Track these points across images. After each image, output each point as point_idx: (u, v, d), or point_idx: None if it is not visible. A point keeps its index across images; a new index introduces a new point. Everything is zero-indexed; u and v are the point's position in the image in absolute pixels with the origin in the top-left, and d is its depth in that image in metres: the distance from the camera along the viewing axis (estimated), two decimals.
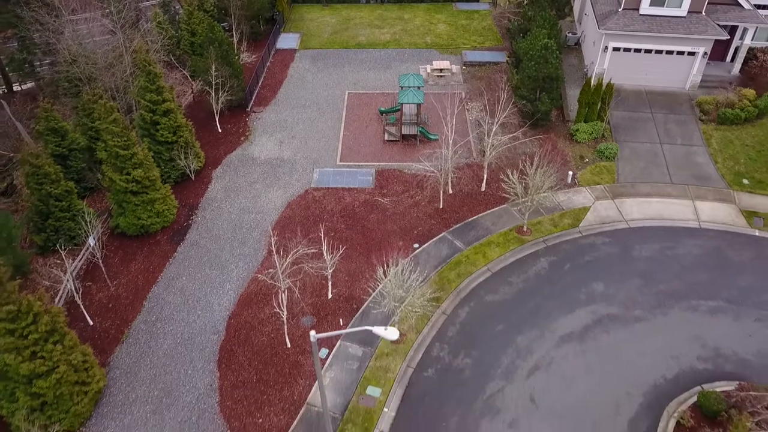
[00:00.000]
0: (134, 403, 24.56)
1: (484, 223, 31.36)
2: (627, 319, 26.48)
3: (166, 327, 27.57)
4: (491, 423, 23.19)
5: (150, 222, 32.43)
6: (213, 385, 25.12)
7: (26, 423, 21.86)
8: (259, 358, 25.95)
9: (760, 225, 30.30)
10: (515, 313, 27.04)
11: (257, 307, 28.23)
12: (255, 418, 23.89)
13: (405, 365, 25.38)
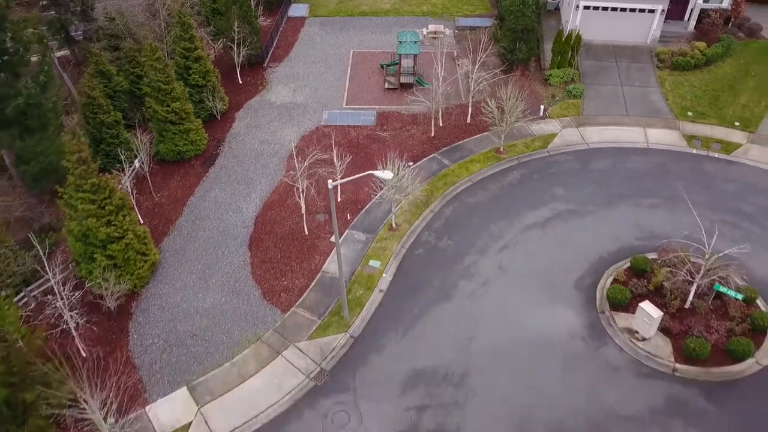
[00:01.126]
0: (183, 274, 31.41)
1: (468, 146, 38.21)
2: (581, 213, 33.27)
3: (204, 224, 34.41)
4: (468, 282, 30.00)
5: (185, 149, 39.24)
6: (245, 261, 31.96)
7: (102, 280, 28.62)
8: (282, 242, 32.79)
9: (698, 145, 37.09)
10: (490, 210, 33.86)
11: (279, 209, 35.05)
12: (280, 281, 30.75)
13: (399, 246, 32.20)
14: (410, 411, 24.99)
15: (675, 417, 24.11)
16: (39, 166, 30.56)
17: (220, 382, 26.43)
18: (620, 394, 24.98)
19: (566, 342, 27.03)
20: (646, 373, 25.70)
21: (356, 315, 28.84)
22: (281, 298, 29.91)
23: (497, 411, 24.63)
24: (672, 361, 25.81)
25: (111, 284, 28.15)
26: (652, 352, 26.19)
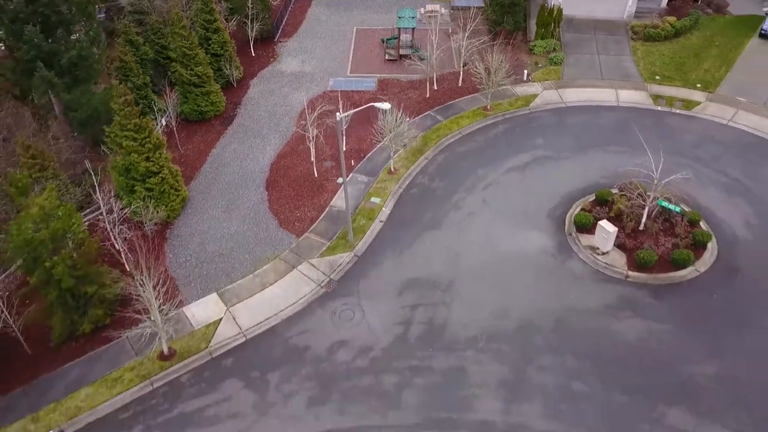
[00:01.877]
0: (209, 208, 36.84)
1: (459, 105, 43.63)
2: (556, 158, 38.64)
3: (226, 170, 39.83)
4: (456, 214, 35.40)
5: (206, 109, 44.67)
6: (263, 198, 37.40)
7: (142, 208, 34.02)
8: (295, 183, 38.20)
9: (662, 103, 42.45)
10: (477, 157, 39.25)
11: (291, 158, 40.45)
12: (294, 213, 36.18)
13: (397, 186, 37.60)
14: (405, 308, 30.36)
15: (625, 310, 29.46)
16: (85, 113, 35.98)
17: (244, 289, 31.84)
18: (581, 295, 30.35)
19: (538, 257, 32.41)
20: (603, 279, 31.08)
21: (359, 239, 34.23)
22: (295, 226, 35.33)
23: (478, 308, 30.00)
24: (625, 270, 31.16)
25: (150, 211, 33.55)
26: (610, 263, 31.56)
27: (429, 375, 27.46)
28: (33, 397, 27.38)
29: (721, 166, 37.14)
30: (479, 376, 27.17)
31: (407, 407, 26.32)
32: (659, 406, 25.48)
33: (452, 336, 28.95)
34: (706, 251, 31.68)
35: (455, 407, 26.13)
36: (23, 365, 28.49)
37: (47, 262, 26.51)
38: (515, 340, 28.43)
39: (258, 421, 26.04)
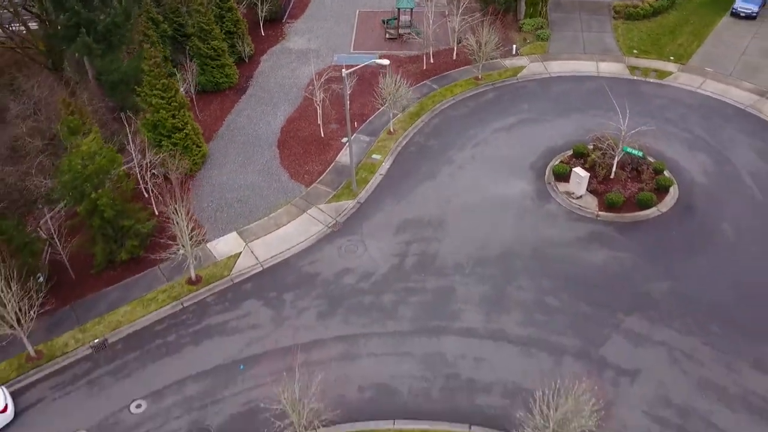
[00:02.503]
0: (227, 164, 41.56)
1: (453, 76, 48.37)
2: (539, 120, 43.33)
3: (240, 131, 44.55)
4: (448, 167, 40.09)
5: (221, 80, 49.37)
6: (275, 155, 42.12)
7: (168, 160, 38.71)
8: (304, 143, 42.92)
9: (638, 74, 47.15)
10: (468, 120, 43.95)
11: (300, 122, 45.15)
12: (303, 167, 40.91)
13: (396, 145, 42.31)
14: (402, 243, 35.07)
15: (593, 242, 34.15)
16: (116, 77, 40.75)
17: (261, 229, 36.59)
18: (556, 230, 35.05)
19: (519, 201, 37.13)
20: (576, 218, 35.77)
21: (362, 189, 38.94)
22: (304, 178, 40.09)
23: (465, 242, 34.69)
24: (596, 210, 35.86)
25: (176, 161, 38.29)
26: (583, 205, 36.26)
27: (422, 294, 32.16)
28: (79, 313, 32.12)
29: (686, 126, 41.81)
30: (465, 295, 31.87)
31: (403, 318, 31.03)
32: (619, 315, 30.16)
33: (442, 263, 33.66)
34: (668, 195, 36.36)
35: (444, 318, 30.83)
36: (69, 288, 33.24)
37: (93, 195, 31.27)
38: (497, 266, 33.12)
39: (275, 330, 30.73)
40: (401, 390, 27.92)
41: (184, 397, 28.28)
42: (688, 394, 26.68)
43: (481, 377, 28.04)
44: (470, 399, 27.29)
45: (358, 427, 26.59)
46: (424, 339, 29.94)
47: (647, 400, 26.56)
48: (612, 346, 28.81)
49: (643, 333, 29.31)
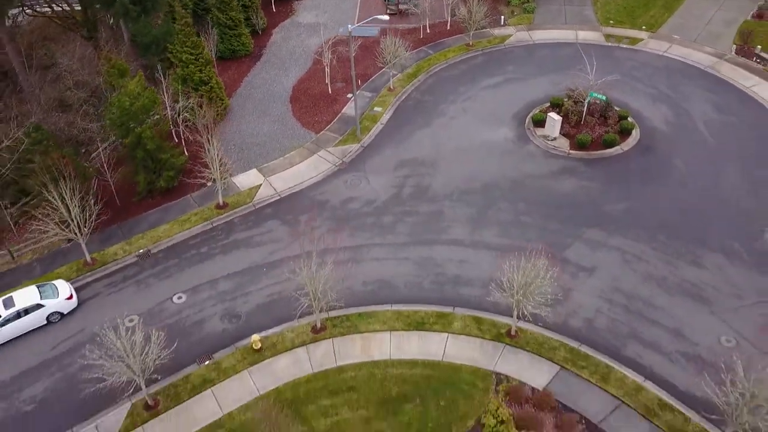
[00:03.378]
0: (246, 115, 47.82)
1: (446, 43, 54.62)
2: (522, 79, 49.54)
3: (257, 90, 50.83)
4: (441, 118, 46.32)
5: (238, 48, 55.66)
6: (288, 109, 48.39)
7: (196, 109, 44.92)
8: (313, 98, 49.18)
9: (612, 41, 53.40)
10: (459, 79, 50.18)
11: (309, 82, 51.41)
12: (313, 117, 47.18)
13: (395, 99, 48.54)
14: (399, 178, 41.26)
15: (564, 174, 40.33)
16: (148, 38, 47.07)
17: (277, 166, 42.82)
18: (533, 166, 41.23)
19: (503, 144, 43.33)
20: (550, 156, 41.95)
21: (365, 135, 45.17)
22: (314, 126, 46.37)
23: (454, 177, 40.86)
24: (568, 150, 42.06)
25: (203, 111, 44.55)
26: (556, 146, 42.46)
27: (416, 216, 38.37)
28: (125, 231, 38.40)
29: (651, 83, 48.02)
30: (452, 216, 38.08)
31: (400, 233, 37.26)
32: (581, 228, 36.34)
33: (434, 193, 39.88)
34: (630, 136, 42.56)
35: (434, 233, 37.05)
36: (116, 211, 39.51)
37: (138, 129, 37.57)
38: (481, 195, 39.31)
39: (292, 243, 36.85)
40: (398, 284, 34.12)
41: (217, 291, 34.50)
42: (635, 284, 32.85)
43: (463, 274, 34.23)
44: (454, 289, 33.48)
45: (362, 310, 32.74)
46: (417, 248, 36.14)
47: (600, 288, 32.77)
48: (574, 250, 35.00)
49: (600, 241, 35.50)
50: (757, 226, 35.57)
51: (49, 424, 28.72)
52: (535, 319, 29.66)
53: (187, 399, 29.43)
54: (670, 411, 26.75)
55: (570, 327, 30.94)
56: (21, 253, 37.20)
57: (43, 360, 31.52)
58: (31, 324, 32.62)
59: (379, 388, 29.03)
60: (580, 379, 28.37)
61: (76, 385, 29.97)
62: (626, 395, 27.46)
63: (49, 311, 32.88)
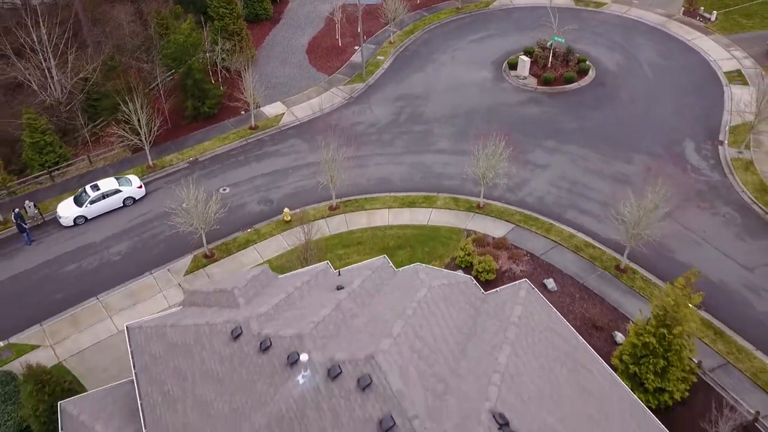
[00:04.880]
0: (270, 62, 58.57)
1: (440, 6, 65.31)
2: (502, 35, 60.25)
3: (278, 45, 61.65)
4: (433, 65, 57.07)
5: (260, 12, 66.38)
6: (305, 58, 59.16)
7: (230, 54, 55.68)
8: (326, 50, 59.97)
9: (581, 5, 64.13)
10: (449, 35, 60.92)
11: (322, 38, 62.19)
12: (326, 63, 57.97)
13: (395, 50, 59.28)
14: (397, 107, 51.94)
15: (531, 103, 50.97)
16: None
17: (297, 100, 53.53)
18: (506, 97, 51.90)
19: (482, 82, 54.02)
20: (521, 91, 52.61)
21: (369, 77, 55.89)
22: (327, 70, 57.12)
23: (442, 106, 51.52)
24: (535, 85, 52.73)
25: (236, 55, 55.34)
26: (526, 83, 53.13)
27: (410, 134, 49.03)
28: (177, 145, 49.13)
29: (609, 37, 58.66)
30: (440, 133, 48.72)
31: (397, 146, 47.92)
32: (540, 139, 46.91)
33: (425, 118, 50.55)
34: (587, 75, 53.18)
35: (425, 145, 47.69)
36: (168, 132, 50.24)
37: (189, 61, 48.36)
38: (463, 118, 49.93)
39: (310, 153, 47.38)
40: (394, 180, 44.78)
41: (254, 185, 45.20)
42: (577, 175, 43.45)
43: (446, 172, 44.86)
44: (439, 182, 44.13)
45: (367, 196, 43.38)
46: (411, 155, 46.81)
47: (551, 178, 43.38)
48: (534, 153, 45.61)
49: (555, 148, 46.13)
50: (677, 136, 46.17)
51: (133, 270, 39.32)
52: (499, 198, 40.32)
53: (235, 252, 40.03)
54: (591, 248, 37.36)
55: (525, 202, 41.59)
56: (96, 160, 47.95)
57: (123, 229, 42.22)
58: (111, 204, 43.28)
59: (380, 241, 39.66)
60: (529, 231, 38.98)
61: (149, 245, 40.70)
62: (562, 240, 38.07)
63: (125, 196, 43.57)
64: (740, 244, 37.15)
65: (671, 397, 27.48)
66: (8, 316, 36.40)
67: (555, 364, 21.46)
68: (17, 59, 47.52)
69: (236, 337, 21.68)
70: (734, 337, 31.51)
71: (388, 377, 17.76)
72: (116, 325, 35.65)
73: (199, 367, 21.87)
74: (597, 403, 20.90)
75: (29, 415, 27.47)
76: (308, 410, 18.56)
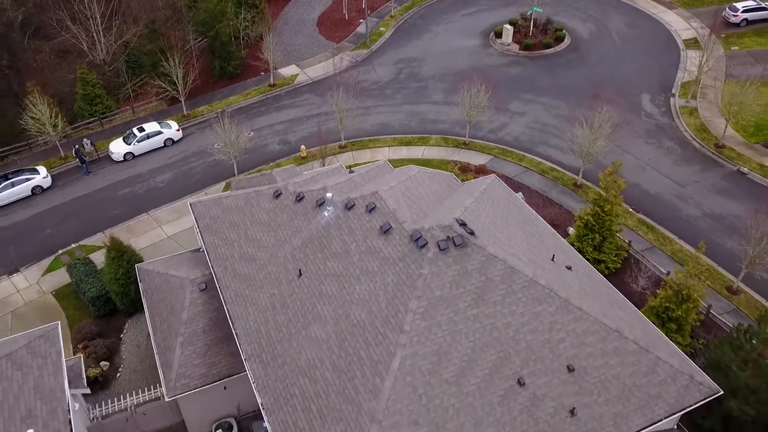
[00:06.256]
0: (285, 33, 67.34)
1: None
2: (490, 10, 68.83)
3: (291, 18, 70.44)
4: (429, 34, 65.79)
5: None
6: (315, 29, 67.94)
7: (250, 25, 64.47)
8: (334, 23, 68.73)
9: None
10: (444, 10, 69.67)
11: (330, 13, 70.94)
12: (334, 33, 66.85)
13: (395, 23, 68.07)
14: (397, 68, 60.70)
15: (513, 65, 59.72)
16: None
17: (309, 63, 62.30)
18: (491, 60, 60.65)
19: (471, 48, 62.77)
20: (504, 55, 61.36)
21: (373, 44, 64.63)
22: (335, 39, 65.91)
23: (436, 67, 60.20)
24: (517, 51, 61.48)
25: (255, 27, 64.11)
26: (510, 49, 61.87)
27: (408, 89, 57.78)
28: (206, 99, 57.94)
29: (585, 10, 67.37)
30: (434, 88, 57.46)
31: (397, 98, 56.68)
32: (519, 93, 55.53)
33: (422, 77, 59.29)
34: (563, 42, 61.92)
35: (421, 98, 56.43)
36: (198, 89, 59.03)
37: (217, 26, 57.17)
38: (454, 77, 58.51)
39: (321, 105, 56.12)
40: (394, 125, 53.51)
41: (274, 130, 53.97)
42: (548, 120, 52.11)
43: (438, 118, 53.59)
44: (433, 126, 52.83)
45: (370, 138, 52.13)
46: (409, 106, 55.56)
47: (526, 122, 52.09)
48: (513, 103, 54.33)
49: (531, 99, 54.84)
50: (636, 90, 54.89)
51: (176, 193, 48.03)
52: (482, 138, 49.04)
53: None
54: (555, 171, 46.09)
55: (504, 140, 50.31)
56: (138, 110, 56.72)
57: (165, 163, 50.96)
58: (154, 144, 52.03)
59: None
60: (506, 161, 47.70)
61: (188, 175, 49.44)
62: (532, 166, 46.78)
63: (166, 137, 52.33)
64: (677, 168, 45.85)
65: (607, 267, 36.06)
66: (77, 225, 45.12)
67: (508, 217, 30.05)
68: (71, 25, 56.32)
69: (277, 196, 30.43)
70: (662, 230, 40.16)
71: (387, 203, 26.47)
72: (166, 232, 44.36)
73: (250, 218, 30.61)
74: (537, 241, 29.52)
75: (110, 279, 36.14)
76: (332, 230, 27.26)
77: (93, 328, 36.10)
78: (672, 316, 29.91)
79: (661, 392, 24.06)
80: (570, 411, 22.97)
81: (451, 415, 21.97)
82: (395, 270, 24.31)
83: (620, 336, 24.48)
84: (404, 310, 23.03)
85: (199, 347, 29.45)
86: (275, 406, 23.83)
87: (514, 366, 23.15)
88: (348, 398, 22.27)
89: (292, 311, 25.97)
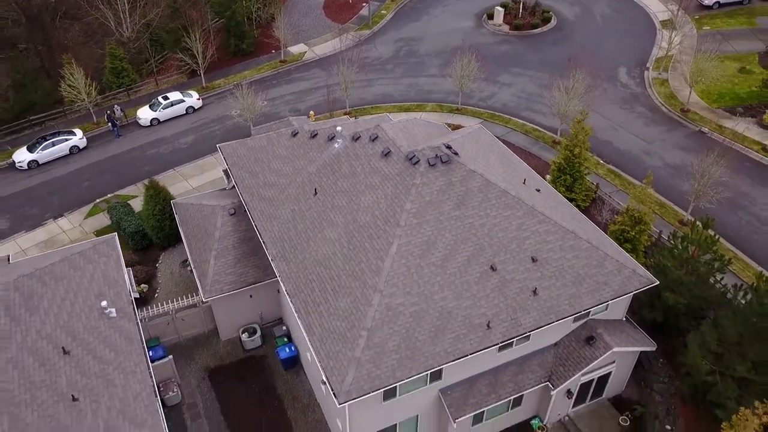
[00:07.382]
0: (293, 16, 73.46)
1: None
2: None
3: (299, 4, 76.64)
4: (427, 16, 72.00)
5: None
6: (322, 12, 74.16)
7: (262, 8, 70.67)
8: (339, 6, 74.91)
9: None
10: None
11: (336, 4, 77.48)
12: (339, 16, 72.98)
13: (396, 6, 74.09)
14: (398, 46, 66.86)
15: (503, 43, 65.88)
16: None
17: (317, 42, 68.47)
18: (484, 39, 66.81)
19: (466, 29, 68.93)
20: (496, 34, 67.53)
21: (375, 25, 70.78)
22: (340, 21, 72.08)
23: (433, 45, 66.44)
24: (507, 31, 67.68)
25: (266, 9, 70.35)
26: (500, 29, 68.10)
27: (407, 64, 63.97)
28: (223, 73, 64.16)
29: None
30: (430, 64, 63.56)
31: (396, 72, 62.85)
32: (508, 67, 61.70)
33: (420, 54, 65.48)
34: (550, 23, 68.08)
35: (419, 71, 62.58)
36: (214, 64, 65.27)
37: (233, 6, 63.41)
38: (449, 54, 64.49)
39: (328, 78, 62.23)
40: (395, 95, 59.67)
41: (285, 100, 60.15)
42: (533, 90, 58.27)
43: (434, 89, 59.74)
44: (429, 95, 58.98)
45: (373, 105, 58.30)
46: (408, 78, 61.74)
47: (513, 92, 58.37)
48: (503, 76, 60.50)
49: (519, 73, 61.01)
50: (614, 64, 61.04)
51: (197, 154, 54.16)
52: (474, 105, 55.16)
53: None
54: (537, 131, 52.25)
55: (493, 107, 56.47)
56: (161, 83, 62.94)
57: (187, 128, 57.14)
58: (177, 111, 58.19)
59: None
60: (494, 123, 53.83)
61: (208, 138, 55.51)
62: (517, 128, 52.93)
63: (187, 105, 58.53)
64: (646, 129, 52.01)
65: (577, 205, 42.16)
66: (112, 180, 51.27)
67: (490, 154, 36.21)
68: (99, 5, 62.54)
69: (294, 134, 36.62)
70: (627, 177, 46.34)
71: (388, 133, 32.64)
72: (191, 184, 50.49)
73: (271, 154, 36.79)
74: (513, 172, 35.64)
75: (147, 215, 42.29)
76: (341, 157, 33.44)
77: (133, 257, 42.21)
78: (627, 237, 35.98)
79: (608, 280, 30.13)
80: (533, 291, 29.03)
81: (437, 289, 28.09)
82: (394, 183, 30.46)
83: (576, 236, 30.58)
84: (400, 210, 29.17)
85: (229, 260, 35.57)
86: (297, 290, 29.96)
87: (488, 255, 29.26)
88: (356, 277, 28.43)
89: (309, 221, 32.12)
